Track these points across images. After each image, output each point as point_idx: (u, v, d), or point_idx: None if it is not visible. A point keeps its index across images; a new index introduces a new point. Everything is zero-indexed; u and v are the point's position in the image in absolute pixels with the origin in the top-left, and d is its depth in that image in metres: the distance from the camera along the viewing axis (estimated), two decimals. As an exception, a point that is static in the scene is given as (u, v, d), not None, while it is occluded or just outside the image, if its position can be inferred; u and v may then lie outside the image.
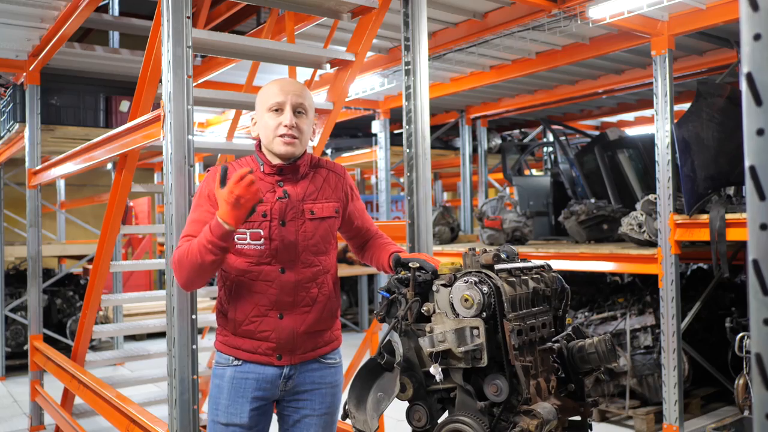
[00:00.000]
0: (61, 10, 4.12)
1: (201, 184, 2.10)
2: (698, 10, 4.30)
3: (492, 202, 6.38)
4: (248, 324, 2.05)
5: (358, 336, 8.71)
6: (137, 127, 3.01)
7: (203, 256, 1.89)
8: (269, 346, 2.05)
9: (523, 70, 5.69)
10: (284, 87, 2.08)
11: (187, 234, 2.01)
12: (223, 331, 2.13)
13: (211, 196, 2.02)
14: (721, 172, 4.50)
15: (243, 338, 2.07)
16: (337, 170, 2.21)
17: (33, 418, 5.04)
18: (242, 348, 2.08)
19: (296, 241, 2.04)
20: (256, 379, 2.07)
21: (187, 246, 1.94)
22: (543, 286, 1.81)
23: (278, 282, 2.02)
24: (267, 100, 2.07)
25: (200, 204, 2.05)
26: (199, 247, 1.90)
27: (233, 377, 2.08)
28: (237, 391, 2.07)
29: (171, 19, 2.48)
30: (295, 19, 3.74)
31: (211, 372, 2.17)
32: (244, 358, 2.08)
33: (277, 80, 2.14)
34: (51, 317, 7.63)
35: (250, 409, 2.07)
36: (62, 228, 9.46)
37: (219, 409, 2.09)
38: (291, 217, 2.04)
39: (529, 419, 1.61)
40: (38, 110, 4.97)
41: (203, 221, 1.99)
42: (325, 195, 2.13)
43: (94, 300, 4.03)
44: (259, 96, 2.13)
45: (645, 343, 4.98)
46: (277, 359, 2.07)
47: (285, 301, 2.04)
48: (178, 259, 1.95)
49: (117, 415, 3.19)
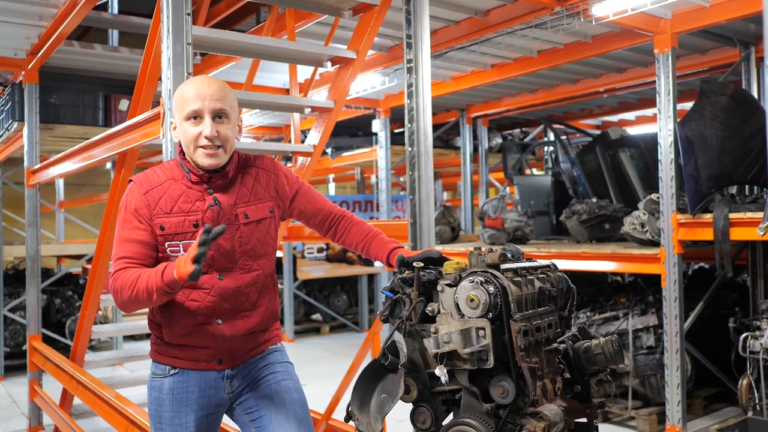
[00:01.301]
0: (59, 8, 4.09)
1: (125, 197, 1.94)
2: (701, 8, 4.28)
3: (493, 202, 6.35)
4: (186, 334, 1.95)
5: (359, 336, 8.68)
6: (137, 125, 2.98)
7: (152, 296, 1.78)
8: (208, 353, 1.98)
9: (524, 68, 5.66)
10: (200, 91, 1.90)
11: (123, 255, 1.88)
12: (157, 341, 2.02)
13: (138, 211, 1.90)
14: (724, 171, 4.48)
15: (180, 347, 1.98)
16: (267, 166, 2.08)
17: (32, 418, 5.01)
18: (180, 356, 1.98)
19: (233, 248, 1.95)
20: (198, 386, 1.99)
21: (133, 277, 1.81)
22: (549, 285, 1.78)
23: (216, 289, 1.93)
24: (183, 107, 1.91)
25: (128, 221, 1.91)
26: (149, 288, 1.77)
27: (173, 388, 1.98)
28: (179, 401, 1.97)
29: (171, 16, 2.45)
30: (295, 17, 3.72)
31: (148, 383, 2.06)
32: (183, 366, 1.99)
33: (192, 81, 1.96)
34: (50, 317, 7.60)
35: (196, 418, 1.98)
36: (61, 228, 9.44)
37: (162, 422, 1.99)
38: (224, 224, 1.94)
39: (536, 421, 1.58)
40: (37, 109, 4.94)
41: (135, 240, 1.89)
42: (258, 196, 2.02)
43: (93, 300, 4.00)
44: (174, 99, 1.96)
45: (647, 343, 4.95)
46: (218, 363, 2.00)
47: (224, 307, 1.95)
48: (122, 288, 1.81)
49: (116, 416, 3.16)
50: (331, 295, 9.48)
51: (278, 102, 3.46)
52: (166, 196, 1.92)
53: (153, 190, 1.93)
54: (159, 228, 1.90)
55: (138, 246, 1.89)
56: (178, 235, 1.90)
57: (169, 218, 1.90)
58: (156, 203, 1.91)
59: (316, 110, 3.36)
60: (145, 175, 1.98)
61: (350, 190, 15.43)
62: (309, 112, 3.47)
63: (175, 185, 1.94)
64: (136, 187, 1.94)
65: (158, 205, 1.91)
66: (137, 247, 1.88)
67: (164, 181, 1.94)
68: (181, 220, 1.91)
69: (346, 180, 13.23)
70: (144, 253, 1.89)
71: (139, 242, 1.89)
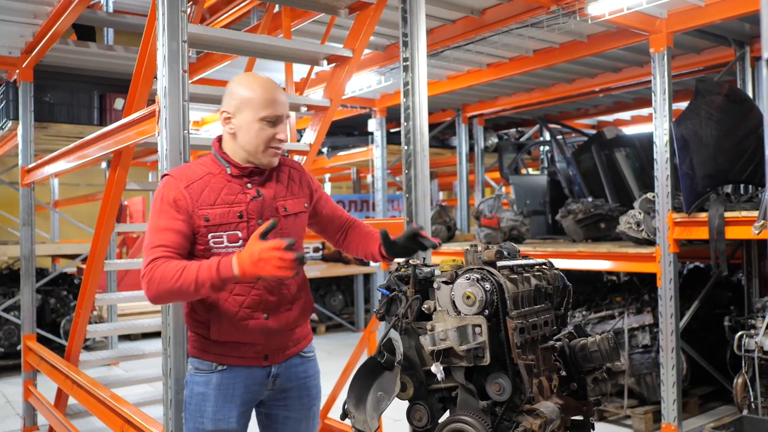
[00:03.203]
0: (54, 6, 4.08)
1: (161, 190, 1.98)
2: (697, 7, 4.29)
3: (489, 201, 6.35)
4: (234, 329, 2.00)
5: (355, 335, 8.67)
6: (132, 123, 2.96)
7: (199, 289, 1.82)
8: (256, 348, 2.04)
9: (520, 68, 5.67)
10: (278, 97, 2.02)
11: (160, 244, 1.90)
12: (201, 339, 2.06)
13: (177, 202, 1.94)
14: (719, 170, 4.49)
15: (228, 343, 2.02)
16: (296, 166, 2.22)
17: (26, 418, 4.99)
18: (227, 353, 2.03)
19: (275, 239, 2.00)
20: (244, 383, 2.05)
21: (177, 268, 1.83)
22: (545, 283, 1.78)
23: (263, 283, 2.00)
24: (260, 109, 1.99)
25: (165, 211, 1.95)
26: (198, 281, 1.81)
27: (220, 383, 2.03)
28: (225, 396, 2.03)
29: (166, 13, 2.44)
30: (291, 15, 3.71)
31: (188, 379, 2.09)
32: (230, 362, 2.04)
33: (268, 86, 2.03)
34: (44, 317, 7.57)
35: (238, 413, 2.05)
36: (56, 227, 9.40)
37: (205, 416, 2.03)
38: (267, 216, 2.02)
39: (533, 419, 1.58)
40: (31, 108, 4.91)
41: (173, 229, 1.92)
42: (293, 191, 2.13)
43: (87, 299, 3.99)
44: (245, 96, 2.00)
45: (643, 342, 4.96)
46: (264, 359, 2.06)
47: (269, 300, 2.02)
48: (162, 279, 1.83)
49: (111, 416, 3.14)
50: (327, 294, 9.47)
51: (274, 100, 3.44)
52: (208, 189, 1.99)
53: (194, 183, 1.98)
54: (203, 219, 1.95)
55: (176, 235, 1.92)
56: (222, 225, 1.97)
57: (213, 210, 1.97)
58: (199, 196, 1.97)
59: (311, 109, 3.36)
60: (181, 170, 2.04)
61: (346, 189, 15.41)
62: (305, 110, 3.46)
63: (216, 179, 2.01)
64: (175, 180, 1.99)
65: (201, 198, 1.97)
66: (175, 236, 1.92)
67: (204, 175, 2.01)
68: (225, 212, 1.97)
69: (342, 180, 13.22)
70: (180, 243, 1.93)
71: (176, 232, 1.93)
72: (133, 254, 9.64)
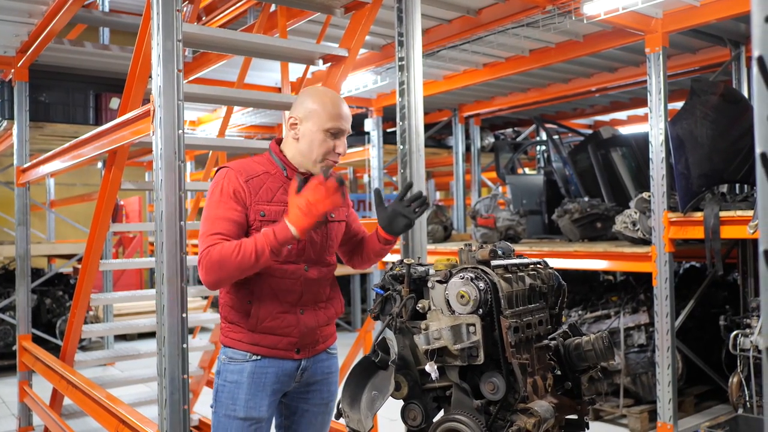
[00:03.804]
0: (49, 5, 4.06)
1: (220, 181, 2.07)
2: (692, 7, 4.29)
3: (485, 201, 6.36)
4: (271, 320, 2.09)
5: (351, 335, 8.67)
6: (127, 122, 2.96)
7: (260, 258, 1.92)
8: (290, 341, 2.12)
9: (516, 67, 5.67)
10: (344, 112, 2.12)
11: (217, 232, 1.99)
12: (237, 328, 2.14)
13: (237, 194, 2.03)
14: (714, 170, 4.50)
15: (264, 334, 2.11)
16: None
17: (21, 419, 4.97)
18: (262, 344, 2.11)
19: (321, 241, 2.15)
20: (276, 373, 2.13)
21: (233, 246, 1.92)
22: (539, 282, 1.78)
23: (303, 279, 2.10)
24: (326, 120, 2.08)
25: (224, 201, 2.03)
26: (258, 249, 1.91)
27: (253, 372, 2.11)
28: (257, 385, 2.11)
29: (161, 12, 2.43)
30: (287, 14, 3.70)
31: (221, 368, 2.16)
32: (263, 353, 2.12)
33: (336, 102, 2.12)
34: (40, 317, 7.55)
35: (269, 402, 2.13)
36: (52, 227, 9.38)
37: (237, 404, 2.11)
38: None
39: (527, 418, 1.58)
40: (27, 107, 4.90)
41: (230, 219, 2.01)
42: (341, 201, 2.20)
43: (83, 299, 3.97)
44: (313, 108, 2.09)
45: (639, 341, 4.97)
46: (296, 353, 2.14)
47: (308, 298, 2.13)
48: (221, 258, 1.92)
49: (106, 416, 3.14)
50: (323, 294, 9.47)
51: (270, 100, 3.44)
52: (265, 186, 2.08)
53: (253, 179, 2.08)
54: (259, 214, 2.05)
55: (232, 225, 2.01)
56: (276, 222, 2.04)
57: (270, 206, 2.07)
58: (257, 191, 2.07)
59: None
60: (241, 164, 2.11)
61: (343, 189, 15.39)
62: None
63: (272, 178, 2.11)
64: (235, 174, 2.07)
65: (259, 194, 2.07)
66: (232, 226, 2.01)
67: (261, 173, 2.11)
68: (280, 209, 2.06)
69: (338, 179, 13.18)
70: (236, 233, 2.01)
71: (234, 222, 2.01)
72: (129, 254, 9.62)
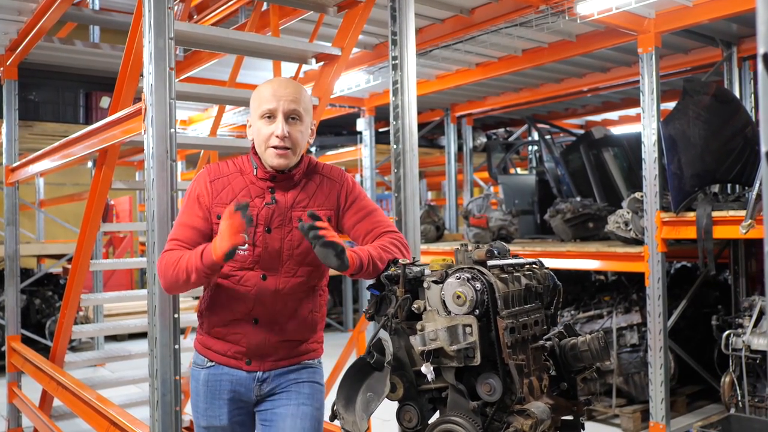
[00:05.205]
0: (39, 3, 4.02)
1: (192, 184, 2.02)
2: (685, 8, 4.30)
3: (478, 201, 6.36)
4: (222, 326, 2.02)
5: (344, 336, 8.64)
6: (118, 121, 2.92)
7: (191, 276, 1.86)
8: (238, 350, 2.02)
9: (509, 67, 5.67)
10: (276, 91, 1.94)
11: (175, 238, 1.96)
12: (199, 331, 2.11)
13: (200, 198, 1.98)
14: (707, 170, 4.51)
15: (215, 339, 2.05)
16: (334, 176, 2.08)
17: (10, 420, 4.93)
18: (213, 349, 2.05)
19: (281, 249, 1.97)
20: (230, 382, 2.05)
21: (176, 258, 1.89)
22: (535, 282, 1.77)
23: (258, 288, 1.96)
24: (259, 105, 1.95)
25: (189, 206, 1.99)
26: (189, 269, 1.86)
27: (207, 379, 2.06)
28: (213, 393, 2.05)
29: (153, 10, 2.41)
30: (279, 13, 3.68)
31: (190, 372, 2.14)
32: (216, 360, 2.05)
33: (271, 81, 2.01)
34: (29, 318, 7.49)
35: (228, 411, 2.05)
36: (41, 227, 9.30)
37: (198, 412, 2.08)
38: (277, 224, 1.97)
39: (523, 419, 1.57)
40: (16, 106, 4.84)
41: (190, 225, 1.96)
42: (317, 202, 2.02)
43: (73, 299, 3.93)
44: (252, 97, 2.00)
45: (631, 341, 4.97)
46: (246, 364, 2.03)
47: (262, 308, 1.98)
48: (164, 267, 1.91)
49: (97, 417, 3.10)
50: (315, 294, 9.45)
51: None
52: (228, 188, 1.98)
53: (219, 180, 2.00)
54: (216, 217, 1.95)
55: (191, 231, 1.96)
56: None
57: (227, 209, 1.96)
58: (218, 193, 1.98)
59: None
60: (217, 164, 2.04)
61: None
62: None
63: (240, 179, 2.00)
64: (205, 174, 2.01)
65: (219, 195, 1.98)
66: (190, 232, 1.96)
67: (231, 173, 2.01)
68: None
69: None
70: (194, 240, 1.95)
71: (192, 228, 1.96)
72: (119, 254, 9.55)
